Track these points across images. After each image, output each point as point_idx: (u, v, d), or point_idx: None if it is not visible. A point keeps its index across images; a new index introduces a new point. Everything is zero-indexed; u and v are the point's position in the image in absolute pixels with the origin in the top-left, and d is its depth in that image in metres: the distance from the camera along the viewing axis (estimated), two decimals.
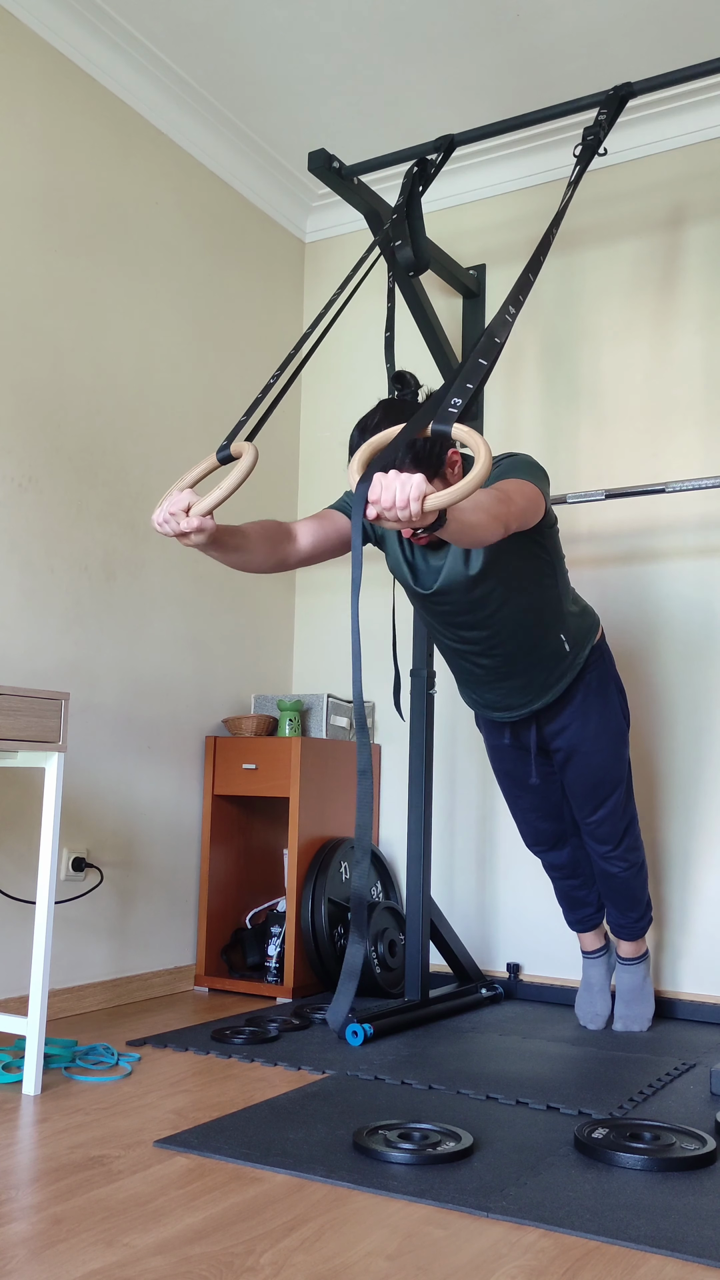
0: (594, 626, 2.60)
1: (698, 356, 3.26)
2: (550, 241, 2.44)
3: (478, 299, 3.58)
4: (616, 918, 2.80)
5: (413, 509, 1.71)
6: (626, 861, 2.69)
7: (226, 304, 3.60)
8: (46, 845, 2.21)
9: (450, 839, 3.46)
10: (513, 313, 2.20)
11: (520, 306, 2.24)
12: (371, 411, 2.15)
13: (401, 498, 1.71)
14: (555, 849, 2.79)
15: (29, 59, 2.92)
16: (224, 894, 3.39)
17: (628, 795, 2.67)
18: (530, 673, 2.48)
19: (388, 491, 1.73)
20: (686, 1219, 1.59)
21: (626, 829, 2.67)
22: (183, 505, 1.92)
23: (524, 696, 2.52)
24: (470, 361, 2.06)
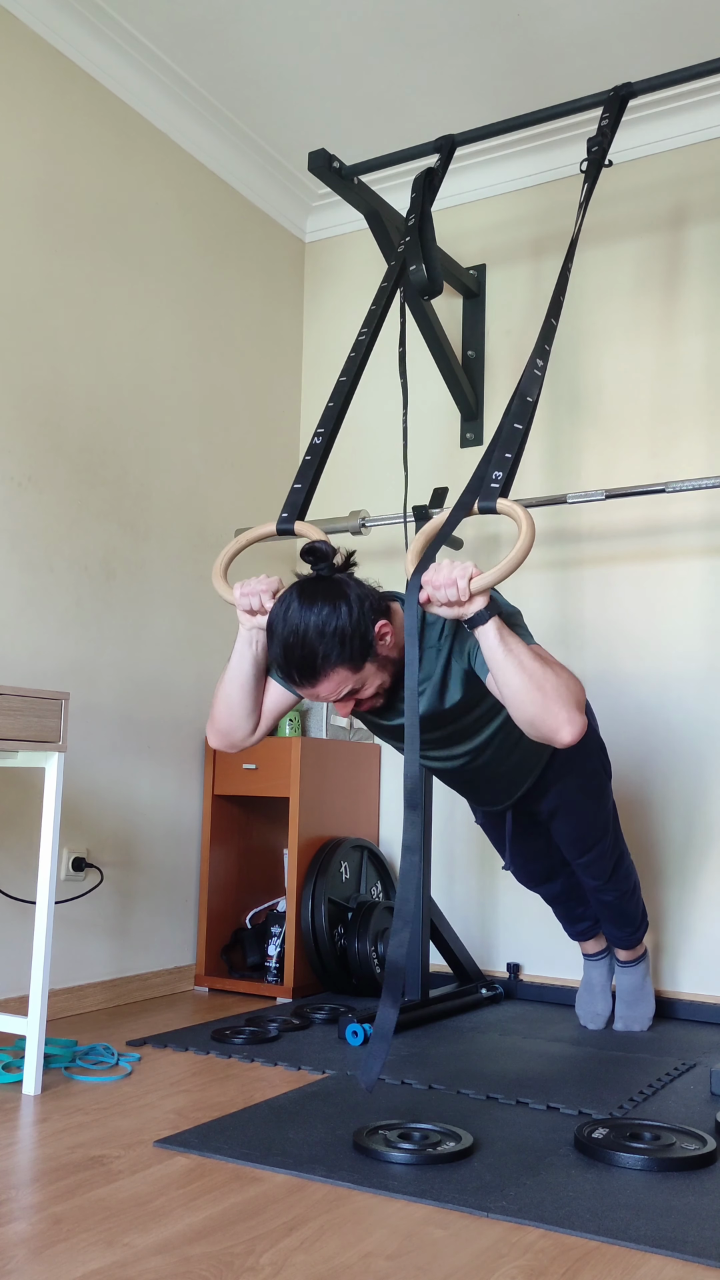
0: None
1: (699, 356, 3.26)
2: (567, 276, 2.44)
3: (478, 299, 3.59)
4: (613, 931, 2.78)
5: (460, 586, 1.83)
6: (619, 890, 2.65)
7: (226, 304, 3.60)
8: (46, 845, 2.21)
9: (450, 839, 3.46)
10: (541, 366, 2.20)
11: (547, 357, 2.25)
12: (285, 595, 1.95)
13: (449, 577, 1.84)
14: (547, 883, 2.76)
15: (29, 59, 2.92)
16: (224, 894, 3.39)
17: (616, 837, 2.60)
18: (507, 777, 2.38)
19: (438, 574, 1.85)
20: (686, 1219, 1.59)
21: (616, 865, 2.61)
22: (273, 588, 2.03)
23: (504, 795, 2.45)
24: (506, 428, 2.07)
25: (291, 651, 1.90)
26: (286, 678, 1.98)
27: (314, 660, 1.90)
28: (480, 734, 2.21)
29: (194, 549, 3.39)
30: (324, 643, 1.89)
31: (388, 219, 3.14)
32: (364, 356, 2.45)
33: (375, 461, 3.63)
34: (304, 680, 1.94)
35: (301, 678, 1.93)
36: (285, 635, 1.90)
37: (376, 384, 3.77)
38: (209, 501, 3.46)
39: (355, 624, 1.90)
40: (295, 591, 1.95)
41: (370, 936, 3.15)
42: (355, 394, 3.88)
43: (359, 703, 2.03)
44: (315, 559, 1.96)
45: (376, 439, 3.64)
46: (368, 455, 3.67)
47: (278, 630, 1.92)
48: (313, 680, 1.93)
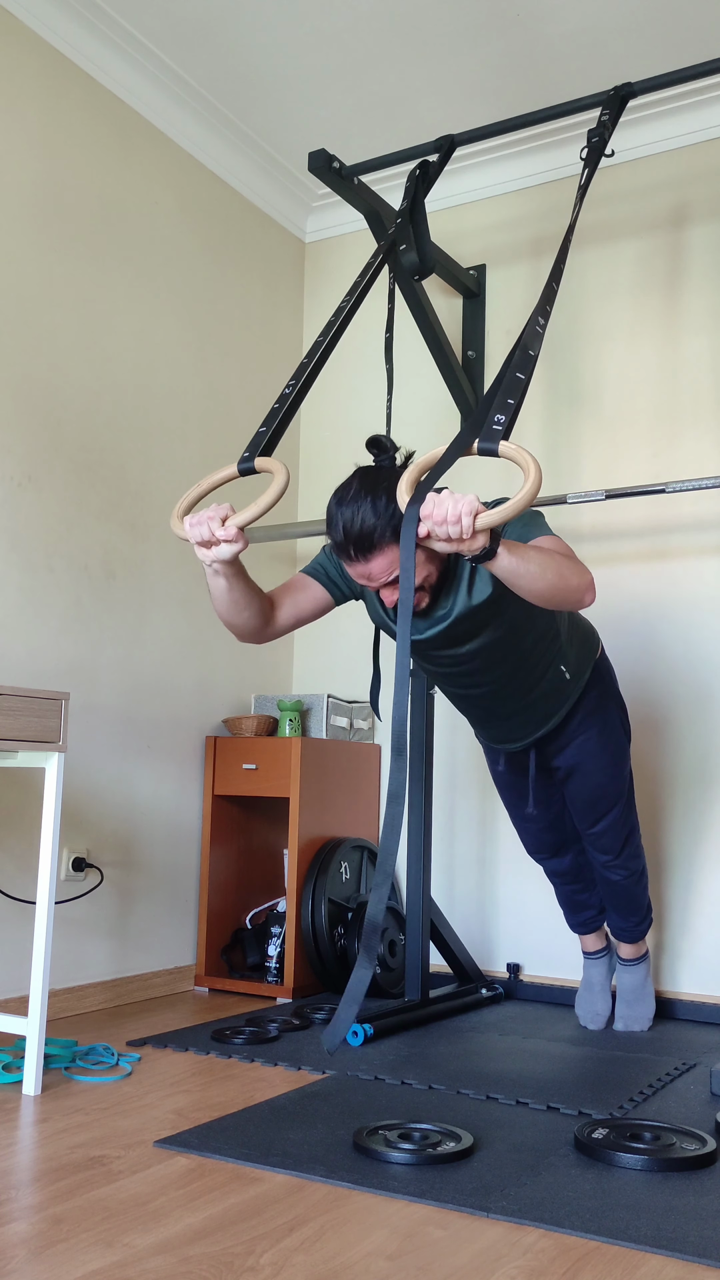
0: (594, 647, 2.54)
1: (700, 356, 3.26)
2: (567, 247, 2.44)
3: (478, 299, 3.58)
4: (617, 922, 2.80)
5: (465, 524, 1.76)
6: (628, 870, 2.68)
7: (226, 304, 3.60)
8: (46, 845, 2.21)
9: (450, 839, 3.46)
10: (542, 323, 2.19)
11: (549, 316, 2.23)
12: (348, 481, 2.04)
13: (454, 513, 1.76)
14: (556, 857, 2.78)
15: (28, 58, 2.92)
16: (224, 894, 3.39)
17: (628, 807, 2.65)
18: (532, 708, 2.43)
19: (440, 507, 1.78)
20: (687, 1219, 1.59)
21: (627, 839, 2.66)
22: (221, 515, 1.96)
23: (526, 729, 2.49)
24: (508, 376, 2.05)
25: (351, 527, 1.97)
26: (343, 554, 2.02)
27: (371, 536, 1.96)
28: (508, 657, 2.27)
29: (193, 549, 3.38)
30: (381, 521, 1.95)
31: (388, 219, 3.14)
32: (343, 322, 2.44)
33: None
34: (359, 555, 1.99)
35: (357, 552, 1.99)
36: (346, 513, 1.99)
37: (376, 383, 3.77)
38: (208, 501, 3.45)
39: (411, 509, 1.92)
40: (358, 475, 2.04)
41: None
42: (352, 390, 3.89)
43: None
44: (378, 450, 2.09)
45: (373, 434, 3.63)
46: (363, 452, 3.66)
47: (337, 509, 2.00)
48: (367, 555, 1.98)
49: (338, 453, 3.84)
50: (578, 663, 2.46)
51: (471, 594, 2.12)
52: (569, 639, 2.43)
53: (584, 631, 2.53)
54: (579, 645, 2.48)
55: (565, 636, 2.40)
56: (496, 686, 2.34)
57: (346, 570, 2.09)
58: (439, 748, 3.49)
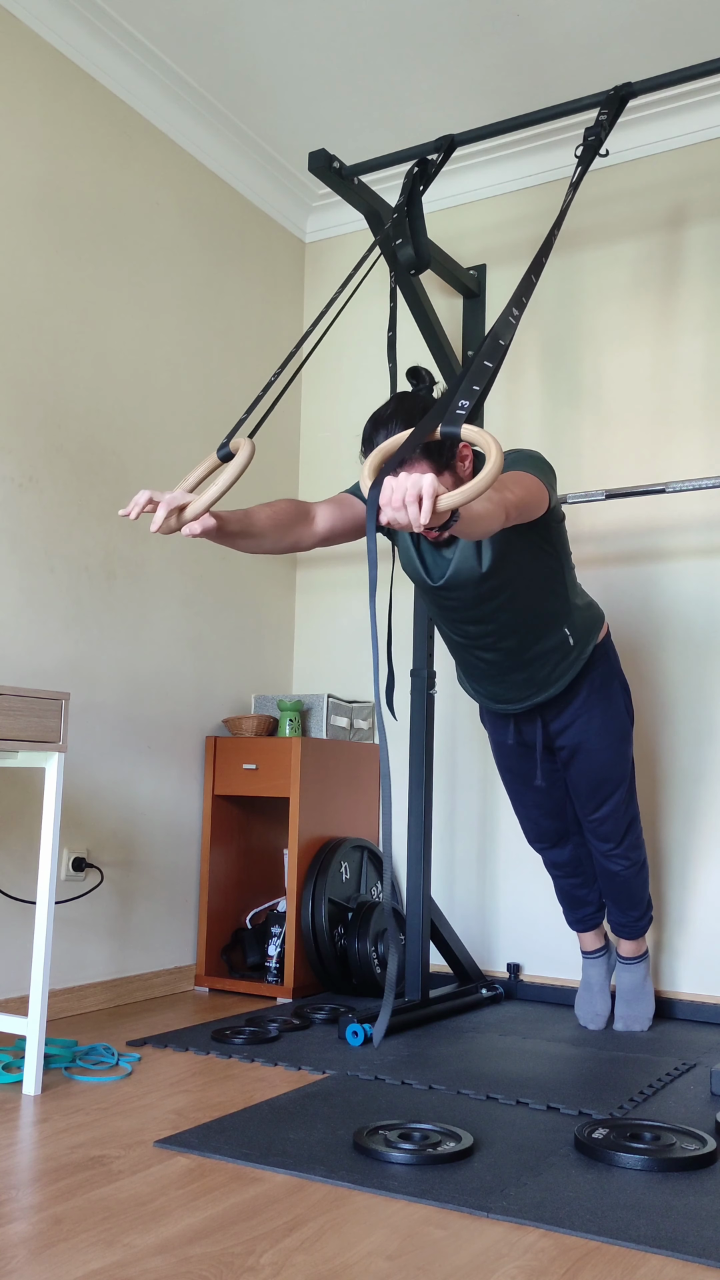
0: (599, 621, 2.60)
1: (698, 357, 3.26)
2: (552, 243, 2.44)
3: (478, 299, 3.58)
4: (617, 916, 2.80)
5: (425, 507, 1.71)
6: (628, 860, 2.70)
7: (226, 304, 3.60)
8: (46, 845, 2.21)
9: (450, 839, 3.46)
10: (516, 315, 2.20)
11: (523, 308, 2.24)
12: (386, 404, 2.15)
13: (412, 496, 1.71)
14: (557, 846, 2.79)
15: (29, 59, 2.92)
16: (224, 894, 3.39)
17: (630, 794, 2.67)
18: (533, 666, 2.48)
19: (398, 493, 1.73)
20: (686, 1219, 1.59)
21: (629, 827, 2.68)
22: (178, 504, 1.93)
23: (526, 690, 2.53)
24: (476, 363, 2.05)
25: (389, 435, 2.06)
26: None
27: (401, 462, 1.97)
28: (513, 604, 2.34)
29: (194, 549, 3.39)
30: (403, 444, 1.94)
31: (387, 218, 3.14)
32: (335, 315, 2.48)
33: None
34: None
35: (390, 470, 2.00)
36: (380, 435, 2.09)
37: (376, 383, 3.77)
38: None
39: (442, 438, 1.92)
40: (396, 399, 2.15)
41: (370, 937, 3.15)
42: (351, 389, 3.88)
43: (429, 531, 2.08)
44: (416, 380, 2.19)
45: None
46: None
47: (372, 430, 2.11)
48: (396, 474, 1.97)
49: (337, 453, 3.84)
50: (582, 630, 2.52)
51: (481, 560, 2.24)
52: (573, 603, 2.50)
53: (588, 602, 2.60)
54: (583, 614, 2.54)
55: (569, 599, 2.47)
56: (501, 634, 2.40)
57: None
58: (439, 749, 3.50)
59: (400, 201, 2.83)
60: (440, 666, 3.47)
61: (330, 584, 3.80)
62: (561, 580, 2.43)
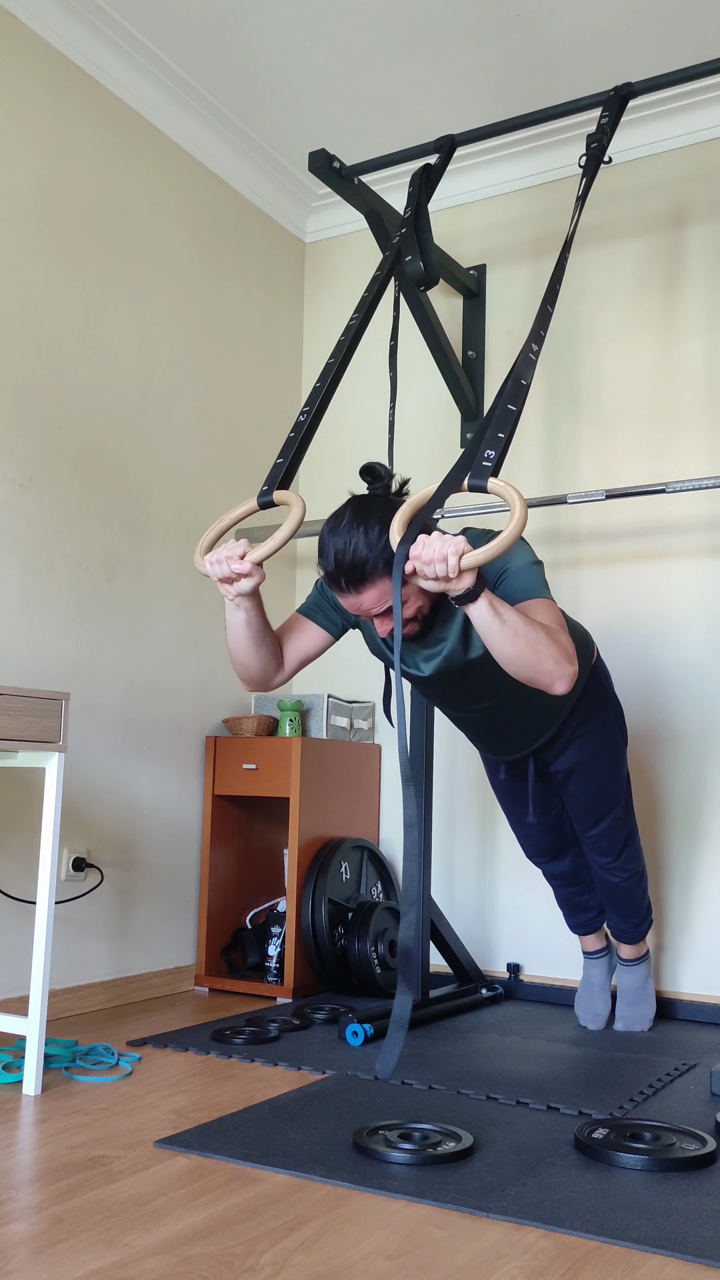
0: (588, 649, 2.52)
1: (699, 357, 3.26)
2: (564, 266, 2.44)
3: (478, 299, 3.59)
4: (617, 923, 2.79)
5: (450, 563, 1.81)
6: (627, 872, 2.68)
7: (227, 304, 3.60)
8: (46, 845, 2.21)
9: (450, 839, 3.46)
10: (535, 350, 2.20)
11: (542, 342, 2.24)
12: (340, 511, 2.03)
13: (440, 553, 1.82)
14: (555, 860, 2.78)
15: (31, 61, 2.92)
16: (224, 894, 3.39)
17: (627, 809, 2.64)
18: (527, 724, 2.43)
19: (428, 549, 1.83)
20: (686, 1219, 1.59)
21: (626, 841, 2.65)
22: (239, 551, 2.02)
23: (523, 741, 2.48)
24: (499, 409, 2.07)
25: (343, 557, 1.97)
26: (334, 584, 2.02)
27: (363, 567, 1.96)
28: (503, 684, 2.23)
29: (194, 549, 3.38)
30: (374, 552, 1.95)
31: (388, 219, 3.14)
32: (353, 341, 2.45)
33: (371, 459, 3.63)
34: (350, 586, 2.00)
35: (349, 584, 1.99)
36: (338, 543, 1.98)
37: (375, 383, 3.76)
38: (209, 502, 3.46)
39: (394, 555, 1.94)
40: (350, 505, 2.03)
41: (370, 937, 3.15)
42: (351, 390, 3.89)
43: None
44: (372, 479, 2.07)
45: (374, 437, 3.64)
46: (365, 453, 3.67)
47: (328, 540, 2.00)
48: (359, 587, 1.99)
49: (337, 454, 3.84)
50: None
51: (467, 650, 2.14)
52: None
53: (578, 639, 2.49)
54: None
55: None
56: (492, 708, 2.34)
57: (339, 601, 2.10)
58: (439, 749, 3.50)
59: (408, 215, 2.82)
60: None
61: None
62: None
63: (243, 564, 2.00)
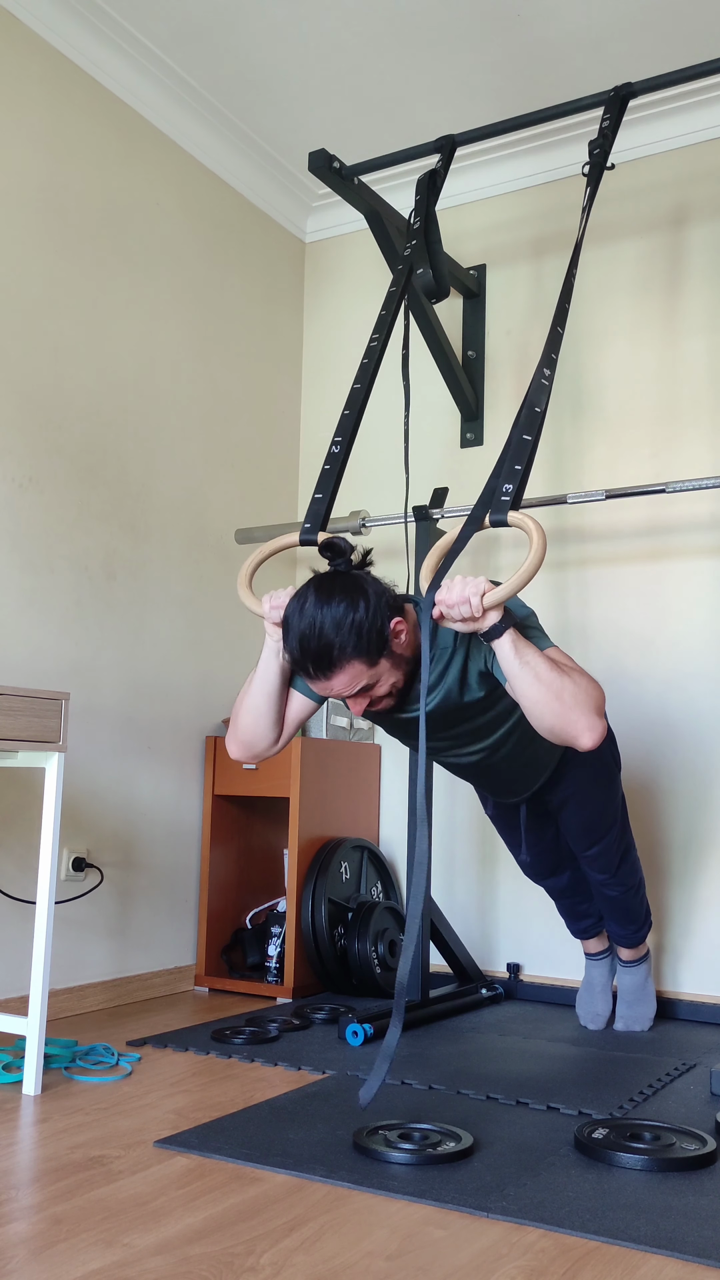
0: None
1: (700, 356, 3.26)
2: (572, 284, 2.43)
3: (478, 299, 3.59)
4: (616, 929, 2.79)
5: (473, 604, 1.86)
6: (624, 885, 2.66)
7: (227, 304, 3.60)
8: (46, 845, 2.21)
9: (450, 839, 3.46)
10: (548, 375, 2.20)
11: (554, 366, 2.24)
12: (303, 590, 1.96)
13: (461, 595, 1.87)
14: (554, 876, 2.76)
15: (31, 60, 2.92)
16: (224, 894, 3.39)
17: (623, 829, 2.62)
18: (523, 771, 2.40)
19: (452, 593, 1.88)
20: (686, 1219, 1.59)
21: (622, 858, 2.62)
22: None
23: (520, 787, 2.46)
24: (515, 440, 2.08)
25: (308, 643, 1.91)
26: (301, 670, 1.98)
27: (330, 653, 1.91)
28: (496, 732, 2.22)
29: (194, 549, 3.39)
30: (340, 635, 1.90)
31: (388, 219, 3.14)
32: (377, 363, 2.46)
33: (375, 461, 3.63)
34: (319, 673, 1.94)
35: (316, 670, 1.94)
36: (302, 627, 1.91)
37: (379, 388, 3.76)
38: (209, 502, 3.46)
39: (372, 619, 1.91)
40: (313, 586, 1.96)
41: (370, 937, 3.15)
42: None
43: (372, 701, 2.03)
44: (333, 554, 1.99)
45: (376, 439, 3.63)
46: (368, 455, 3.66)
47: (293, 623, 1.93)
48: (328, 673, 1.94)
49: None
50: None
51: (463, 693, 2.10)
52: None
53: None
54: None
55: None
56: (484, 759, 2.31)
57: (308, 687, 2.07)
58: None
59: (418, 226, 2.80)
60: None
61: None
62: None
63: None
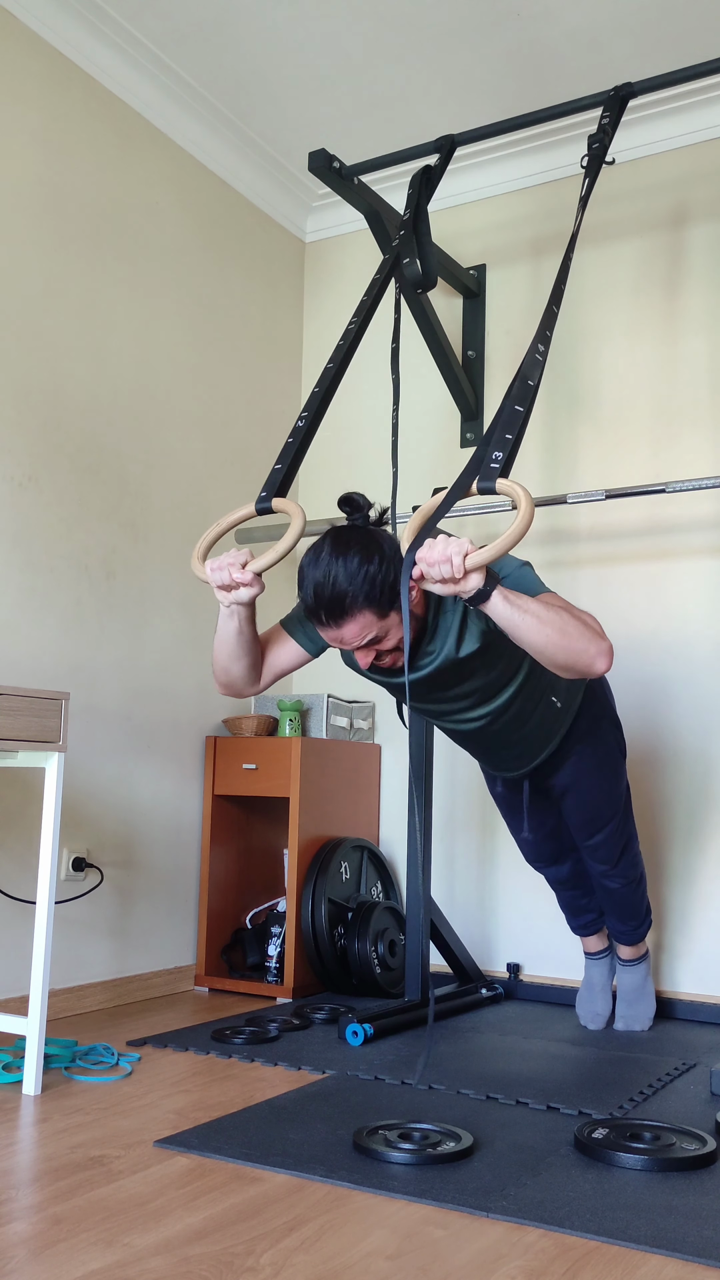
0: None
1: (699, 356, 3.26)
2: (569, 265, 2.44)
3: (478, 299, 3.59)
4: (616, 925, 2.79)
5: (455, 563, 1.81)
6: (625, 878, 2.67)
7: (226, 304, 3.60)
8: (46, 845, 2.21)
9: (450, 839, 3.46)
10: (542, 351, 2.20)
11: (549, 343, 2.24)
12: (319, 543, 2.01)
13: (443, 554, 1.82)
14: (555, 865, 2.77)
15: (29, 59, 2.92)
16: (224, 894, 3.39)
17: (625, 819, 2.63)
18: (526, 741, 2.41)
19: (433, 550, 1.83)
20: (686, 1219, 1.59)
21: (624, 850, 2.64)
22: (240, 560, 2.01)
23: (522, 760, 2.48)
24: (507, 409, 2.06)
25: (322, 591, 1.95)
26: (314, 618, 2.01)
27: (343, 601, 1.95)
28: (498, 698, 2.25)
29: (193, 549, 3.38)
30: (354, 585, 1.93)
31: (388, 219, 3.14)
32: (352, 345, 2.45)
33: (371, 460, 3.63)
34: (330, 620, 1.98)
35: (329, 618, 1.98)
36: (317, 576, 1.96)
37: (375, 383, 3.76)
38: (208, 501, 3.46)
39: (385, 572, 1.95)
40: (329, 537, 2.01)
41: (370, 937, 3.15)
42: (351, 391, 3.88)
43: (379, 655, 2.06)
44: (352, 509, 2.06)
45: (374, 438, 3.64)
46: (364, 454, 3.67)
47: (308, 572, 1.98)
48: (339, 620, 1.97)
49: (337, 457, 3.84)
50: (568, 691, 2.42)
51: (460, 647, 2.11)
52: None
53: None
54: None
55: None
56: (486, 724, 2.32)
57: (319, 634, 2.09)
58: (439, 748, 3.49)
59: (407, 217, 2.81)
60: None
61: None
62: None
63: (244, 574, 2.00)
